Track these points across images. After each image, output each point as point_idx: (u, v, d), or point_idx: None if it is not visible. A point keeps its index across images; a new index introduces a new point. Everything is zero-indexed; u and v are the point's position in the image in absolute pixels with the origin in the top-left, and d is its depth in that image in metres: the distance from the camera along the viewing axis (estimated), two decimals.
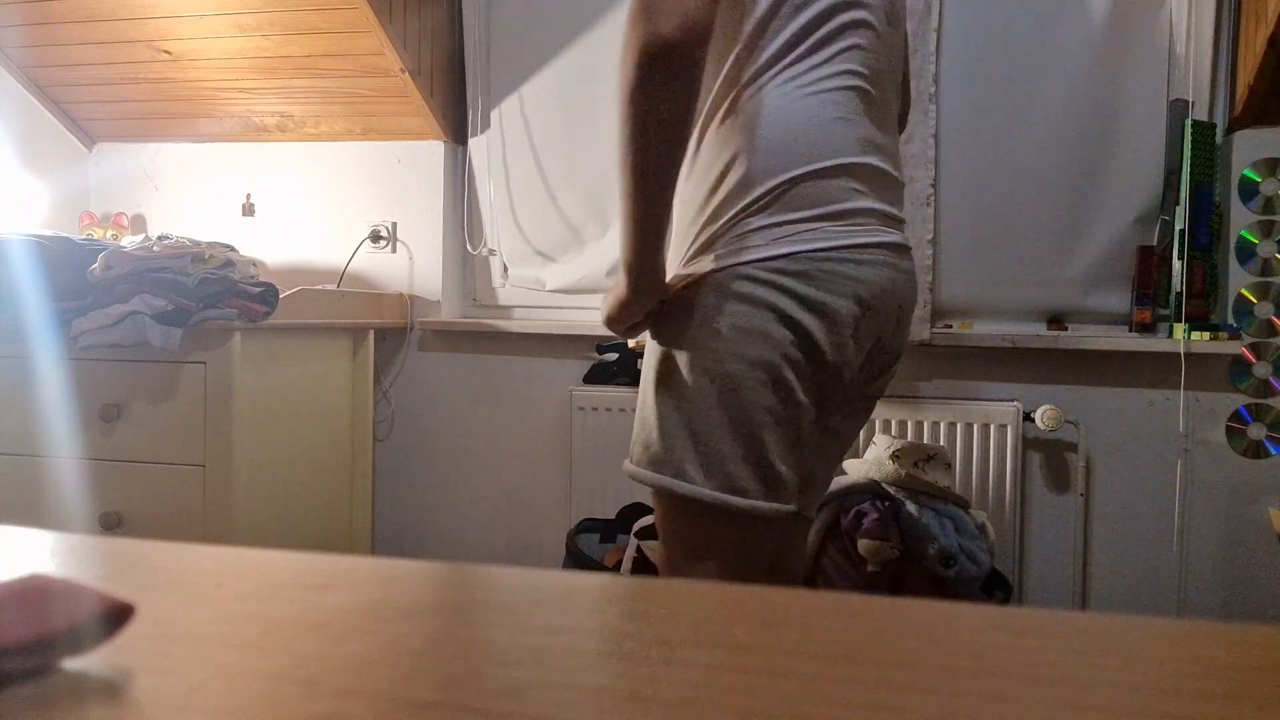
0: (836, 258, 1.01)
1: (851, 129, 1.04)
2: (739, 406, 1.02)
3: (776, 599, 0.37)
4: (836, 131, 1.03)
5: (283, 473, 2.04)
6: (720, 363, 1.02)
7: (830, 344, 1.02)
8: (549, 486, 2.35)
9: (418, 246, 2.43)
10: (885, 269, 1.05)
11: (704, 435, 1.04)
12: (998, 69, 2.05)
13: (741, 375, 1.02)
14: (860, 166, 1.04)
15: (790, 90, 1.04)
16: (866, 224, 1.04)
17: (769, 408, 1.02)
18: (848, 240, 1.02)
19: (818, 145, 1.03)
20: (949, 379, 2.12)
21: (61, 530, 0.53)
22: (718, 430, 1.03)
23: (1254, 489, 1.98)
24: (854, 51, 1.05)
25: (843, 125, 1.04)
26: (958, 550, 1.66)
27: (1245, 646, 0.33)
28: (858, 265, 1.02)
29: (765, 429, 1.02)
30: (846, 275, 1.01)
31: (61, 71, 2.43)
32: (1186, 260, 1.92)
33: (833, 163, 1.03)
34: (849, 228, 1.02)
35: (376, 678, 0.29)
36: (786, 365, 1.02)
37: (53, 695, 0.27)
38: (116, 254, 1.80)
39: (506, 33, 2.34)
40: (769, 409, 1.02)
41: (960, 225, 2.09)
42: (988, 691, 0.29)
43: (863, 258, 1.02)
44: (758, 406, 1.02)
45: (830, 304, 1.01)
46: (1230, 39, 1.98)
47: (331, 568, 0.41)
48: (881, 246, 1.04)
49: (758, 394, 1.02)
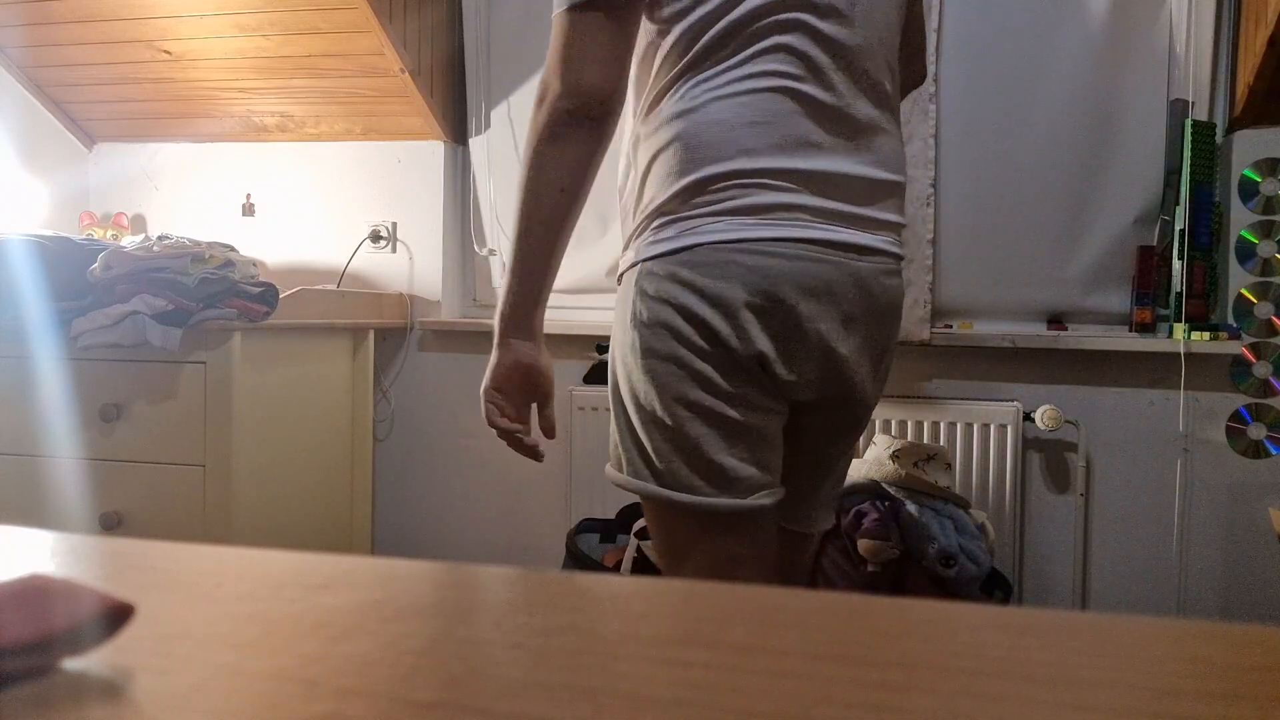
0: (734, 249, 1.01)
1: (772, 131, 1.04)
2: (664, 402, 1.04)
3: (776, 599, 0.37)
4: (750, 134, 1.03)
5: (283, 473, 2.04)
6: (641, 358, 1.05)
7: (733, 333, 1.01)
8: (549, 486, 2.35)
9: (418, 246, 2.43)
10: (806, 263, 1.02)
11: (644, 433, 1.05)
12: (998, 69, 2.04)
13: (658, 369, 1.03)
14: (779, 170, 1.03)
15: (703, 94, 1.04)
16: (784, 219, 1.02)
17: (691, 401, 1.03)
18: (750, 234, 1.01)
19: (727, 147, 1.03)
20: (949, 379, 2.13)
21: (61, 530, 0.53)
22: (652, 426, 1.05)
23: (1254, 489, 1.98)
24: (781, 54, 1.04)
25: (760, 128, 1.03)
26: (958, 550, 1.66)
27: (1245, 646, 0.33)
28: (765, 257, 1.01)
29: (690, 423, 1.03)
30: (743, 265, 1.01)
31: (61, 71, 2.43)
32: (1186, 260, 1.92)
33: (747, 165, 1.03)
34: (758, 222, 1.02)
35: (376, 678, 0.29)
36: (697, 356, 1.02)
37: (53, 695, 0.27)
38: (116, 254, 1.80)
39: (506, 33, 2.34)
40: (691, 402, 1.03)
41: (960, 225, 2.09)
42: (988, 691, 0.29)
43: (774, 250, 1.01)
44: (680, 400, 1.03)
45: (725, 293, 1.01)
46: (1230, 39, 1.98)
47: (331, 568, 0.41)
48: (808, 242, 1.02)
49: (675, 387, 1.03)
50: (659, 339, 1.03)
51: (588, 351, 2.28)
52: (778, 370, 1.04)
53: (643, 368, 1.04)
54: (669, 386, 1.03)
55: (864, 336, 1.09)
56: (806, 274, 1.02)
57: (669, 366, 1.03)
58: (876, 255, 1.08)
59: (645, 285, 1.05)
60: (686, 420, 1.03)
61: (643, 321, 1.04)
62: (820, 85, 1.05)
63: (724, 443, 1.04)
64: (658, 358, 1.03)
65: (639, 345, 1.05)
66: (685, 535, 1.08)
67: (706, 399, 1.03)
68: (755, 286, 1.01)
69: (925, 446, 1.80)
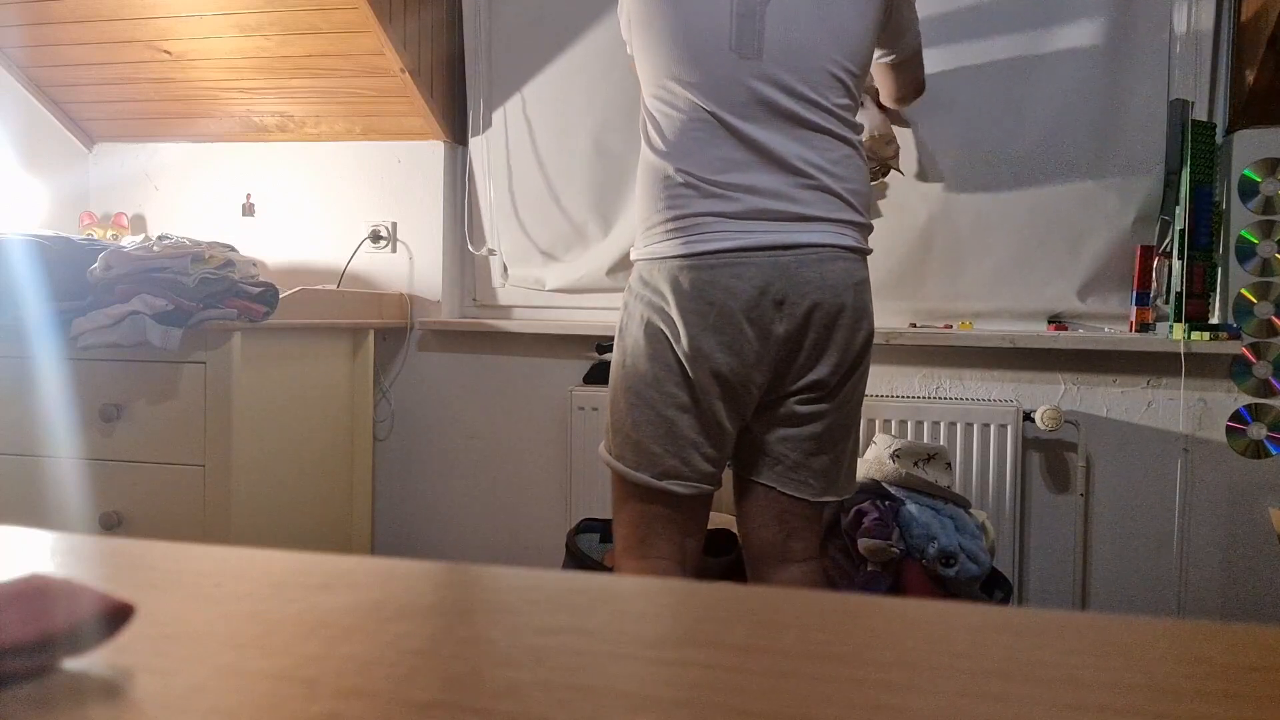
0: (674, 262, 1.29)
1: (711, 148, 1.29)
2: (615, 380, 1.37)
3: (776, 599, 0.37)
4: (694, 149, 1.29)
5: (283, 473, 2.04)
6: (620, 339, 1.36)
7: (684, 334, 1.28)
8: (549, 486, 2.35)
9: (418, 246, 2.43)
10: (748, 268, 1.25)
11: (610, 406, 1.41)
12: (998, 69, 2.04)
13: (623, 351, 1.36)
14: (722, 183, 1.27)
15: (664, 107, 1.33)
16: (713, 230, 1.26)
17: (630, 386, 1.33)
18: (688, 249, 1.27)
19: (684, 158, 1.28)
20: (949, 379, 2.13)
21: (61, 530, 0.53)
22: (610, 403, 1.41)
23: (1254, 489, 1.98)
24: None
25: (702, 144, 1.31)
26: (958, 550, 1.66)
27: (1245, 646, 0.33)
28: (706, 270, 1.26)
29: (628, 409, 1.35)
30: (668, 274, 1.29)
31: (61, 71, 2.43)
32: (1186, 260, 1.91)
33: (698, 177, 1.27)
34: (693, 237, 1.27)
35: (376, 678, 0.29)
36: (646, 350, 1.32)
37: (53, 695, 0.27)
38: (116, 254, 1.80)
39: (506, 33, 2.34)
40: (635, 389, 1.33)
41: (960, 225, 2.09)
42: (988, 691, 0.29)
43: (715, 262, 1.26)
44: (625, 384, 1.34)
45: (665, 301, 1.30)
46: (1230, 39, 1.98)
47: (331, 568, 0.41)
48: (750, 249, 1.25)
49: (627, 370, 1.34)
50: (627, 331, 1.42)
51: (588, 351, 2.28)
52: (724, 368, 1.38)
53: (619, 346, 1.45)
54: (626, 366, 1.41)
55: (831, 331, 1.40)
56: (725, 280, 1.33)
57: (621, 352, 1.43)
58: (804, 251, 1.32)
59: (632, 281, 1.44)
60: (625, 407, 1.42)
61: (626, 310, 1.43)
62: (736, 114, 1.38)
63: (644, 425, 1.37)
64: (624, 343, 1.43)
65: (621, 329, 1.46)
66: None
67: (644, 387, 1.40)
68: (705, 295, 1.36)
69: (925, 446, 1.80)
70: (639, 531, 1.36)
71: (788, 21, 1.27)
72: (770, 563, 1.40)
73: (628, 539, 1.37)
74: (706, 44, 1.27)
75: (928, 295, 2.12)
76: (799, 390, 1.33)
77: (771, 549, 1.39)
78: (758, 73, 1.26)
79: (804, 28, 1.28)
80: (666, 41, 1.29)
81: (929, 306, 2.13)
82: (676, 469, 1.31)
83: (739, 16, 1.26)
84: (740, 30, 1.26)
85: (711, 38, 1.27)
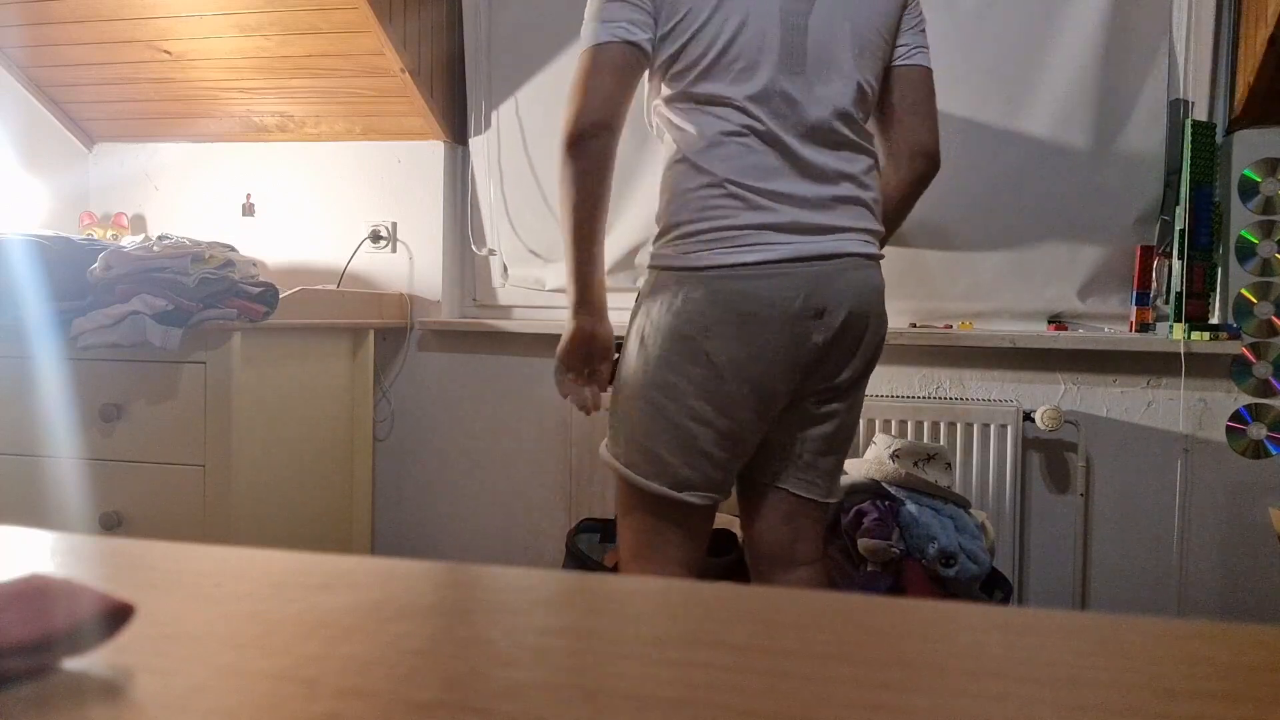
0: (696, 273, 1.28)
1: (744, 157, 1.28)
2: (629, 386, 1.33)
3: (777, 599, 0.37)
4: (737, 157, 1.28)
5: (283, 473, 2.04)
6: (641, 346, 1.32)
7: (721, 346, 1.25)
8: (549, 486, 2.35)
9: (418, 246, 2.43)
10: (792, 279, 1.25)
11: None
12: (998, 69, 2.04)
13: (643, 359, 1.31)
14: (766, 192, 1.26)
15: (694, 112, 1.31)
16: (758, 243, 1.25)
17: (648, 395, 1.30)
18: (732, 259, 1.26)
19: (728, 168, 1.27)
20: (949, 379, 2.12)
21: (61, 530, 0.53)
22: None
23: (1254, 489, 1.98)
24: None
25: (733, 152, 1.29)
26: (958, 550, 1.66)
27: (1245, 646, 0.33)
28: (750, 281, 1.25)
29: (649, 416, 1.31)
30: (683, 285, 1.28)
31: (61, 71, 2.43)
32: (1186, 260, 1.91)
33: (745, 187, 1.27)
34: (738, 248, 1.26)
35: (376, 678, 0.29)
36: (671, 360, 1.28)
37: (53, 695, 0.27)
38: (116, 254, 1.80)
39: (506, 33, 2.34)
40: (651, 399, 1.29)
41: (961, 225, 2.09)
42: (988, 691, 0.29)
43: (758, 273, 1.25)
44: (642, 391, 1.31)
45: (683, 311, 1.28)
46: (1230, 39, 1.98)
47: (331, 568, 0.41)
48: (793, 260, 1.25)
49: (646, 378, 1.30)
50: (653, 341, 1.38)
51: None
52: (728, 374, 1.34)
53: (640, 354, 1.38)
54: (642, 374, 1.38)
55: (845, 338, 1.38)
56: (727, 291, 1.30)
57: (641, 360, 1.40)
58: (795, 263, 1.32)
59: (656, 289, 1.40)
60: (645, 413, 1.37)
61: (651, 322, 1.36)
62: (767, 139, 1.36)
63: (664, 435, 1.34)
64: (647, 351, 1.38)
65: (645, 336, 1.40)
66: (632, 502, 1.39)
67: (662, 397, 1.36)
68: (725, 303, 1.31)
69: (925, 446, 1.80)
70: (649, 539, 1.34)
71: (826, 35, 1.28)
72: (777, 565, 1.40)
73: (636, 546, 1.36)
74: (758, 55, 1.26)
75: (928, 295, 2.12)
76: (817, 391, 1.33)
77: (780, 551, 1.39)
78: (802, 86, 1.28)
79: (838, 41, 1.29)
80: (718, 50, 1.27)
81: (929, 306, 2.13)
82: (691, 479, 1.29)
83: (787, 29, 1.27)
84: (786, 43, 1.26)
85: (764, 50, 1.26)
